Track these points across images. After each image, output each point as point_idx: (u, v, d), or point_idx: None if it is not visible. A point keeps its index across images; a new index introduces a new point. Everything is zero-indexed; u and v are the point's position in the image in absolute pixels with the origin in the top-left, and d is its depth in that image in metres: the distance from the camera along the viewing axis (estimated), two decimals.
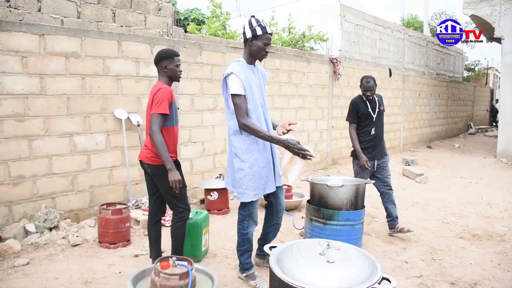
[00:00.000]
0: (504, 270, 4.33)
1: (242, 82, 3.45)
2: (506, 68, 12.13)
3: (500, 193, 7.88)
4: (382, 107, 5.41)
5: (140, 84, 5.87)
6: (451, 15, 27.44)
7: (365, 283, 2.17)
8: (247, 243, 3.77)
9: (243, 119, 3.43)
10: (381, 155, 5.34)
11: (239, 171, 3.58)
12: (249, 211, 3.70)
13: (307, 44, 10.79)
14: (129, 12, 5.81)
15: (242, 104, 3.44)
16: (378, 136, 5.33)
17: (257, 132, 3.43)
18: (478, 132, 21.57)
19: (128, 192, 5.76)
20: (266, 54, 3.62)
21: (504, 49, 12.06)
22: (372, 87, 5.24)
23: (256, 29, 3.48)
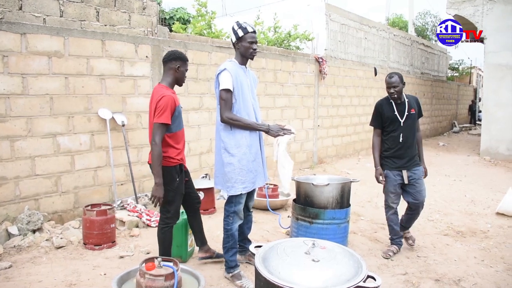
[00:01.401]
0: (487, 266, 4.39)
1: (233, 78, 3.57)
2: (489, 68, 12.31)
3: (483, 191, 7.99)
4: (413, 110, 4.52)
5: (124, 84, 5.82)
6: (435, 15, 27.76)
7: (350, 281, 2.17)
8: (231, 240, 3.81)
9: (226, 113, 3.56)
10: (411, 165, 4.56)
11: (228, 165, 3.65)
12: (235, 207, 3.77)
13: (293, 44, 10.80)
14: (113, 11, 5.75)
15: (228, 99, 3.57)
16: (407, 143, 4.52)
17: (240, 122, 3.59)
18: (462, 130, 21.85)
19: (113, 193, 5.71)
20: (254, 51, 3.75)
21: (486, 48, 12.22)
22: (395, 83, 4.40)
23: (238, 31, 3.66)
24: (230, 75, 3.56)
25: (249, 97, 3.75)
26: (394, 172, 4.53)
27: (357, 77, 11.75)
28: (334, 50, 10.79)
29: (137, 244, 4.75)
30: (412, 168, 4.53)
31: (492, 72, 12.22)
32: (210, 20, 9.71)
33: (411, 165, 4.53)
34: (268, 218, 5.83)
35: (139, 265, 3.18)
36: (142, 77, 6.03)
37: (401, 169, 4.53)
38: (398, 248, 4.68)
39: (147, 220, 5.34)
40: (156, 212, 5.63)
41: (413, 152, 4.56)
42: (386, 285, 3.86)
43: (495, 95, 12.12)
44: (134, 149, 5.97)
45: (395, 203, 4.59)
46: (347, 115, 11.37)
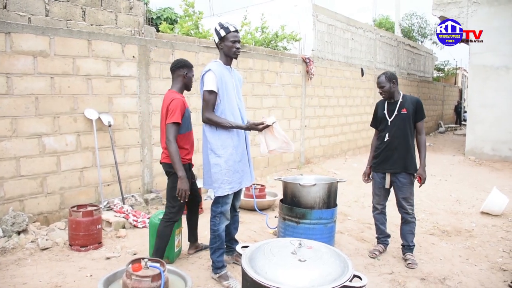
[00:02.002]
0: (471, 265, 4.45)
1: (217, 79, 3.59)
2: (473, 69, 12.47)
3: (469, 190, 8.09)
4: (405, 110, 4.35)
5: (111, 84, 5.78)
6: (421, 16, 28.03)
7: (336, 281, 2.19)
8: (218, 240, 3.82)
9: (207, 113, 3.61)
10: (395, 169, 4.39)
11: (215, 166, 3.67)
12: (222, 208, 3.78)
13: (280, 44, 10.83)
14: (100, 11, 5.71)
15: (211, 100, 3.61)
16: (393, 144, 4.39)
17: (221, 122, 3.61)
18: (448, 130, 22.11)
19: (99, 194, 5.67)
20: (238, 50, 3.77)
21: (471, 50, 12.38)
22: (381, 83, 4.37)
23: (220, 32, 3.70)
24: (215, 76, 3.59)
25: (234, 98, 3.78)
26: (379, 175, 4.55)
27: (344, 77, 11.81)
28: (321, 50, 10.83)
29: (124, 245, 4.73)
30: (397, 174, 4.41)
31: (476, 73, 12.38)
32: (197, 20, 9.68)
33: (396, 170, 4.40)
34: (255, 218, 5.84)
35: (126, 266, 3.16)
36: (129, 77, 6.00)
37: (385, 172, 4.48)
38: (384, 248, 4.72)
39: (134, 221, 5.32)
40: (143, 213, 5.61)
41: (401, 155, 4.36)
42: (372, 284, 3.89)
43: (480, 96, 12.29)
44: (120, 150, 5.94)
45: (380, 204, 4.63)
46: (334, 116, 11.43)
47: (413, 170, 4.40)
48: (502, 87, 11.88)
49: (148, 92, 6.25)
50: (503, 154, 11.92)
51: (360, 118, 12.70)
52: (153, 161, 6.39)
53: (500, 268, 4.37)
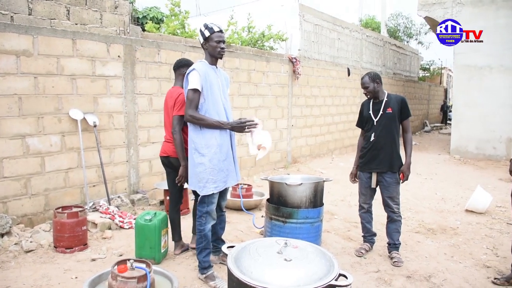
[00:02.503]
0: (456, 262, 4.50)
1: (201, 78, 3.61)
2: (458, 68, 12.62)
3: (453, 188, 8.19)
4: (390, 109, 4.37)
5: (96, 84, 5.73)
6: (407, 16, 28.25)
7: (322, 280, 2.19)
8: (204, 240, 3.81)
9: (190, 111, 3.63)
10: (382, 169, 4.43)
11: (199, 165, 3.68)
12: (207, 207, 3.78)
13: (267, 44, 10.84)
14: (84, 10, 5.66)
15: (195, 99, 3.63)
16: (379, 143, 4.41)
17: (205, 120, 3.63)
18: (433, 129, 22.35)
19: (85, 195, 5.61)
20: (222, 50, 3.79)
21: (456, 50, 12.53)
22: (365, 83, 4.41)
23: (205, 32, 3.73)
24: (199, 75, 3.61)
25: (219, 97, 3.78)
26: (366, 174, 4.57)
27: (331, 77, 11.86)
28: (307, 50, 10.87)
29: (110, 246, 4.69)
30: (383, 173, 4.44)
31: (461, 73, 12.54)
32: (184, 20, 9.65)
33: (382, 169, 4.43)
34: (242, 218, 5.84)
35: (111, 268, 3.15)
36: (114, 77, 5.95)
37: (371, 171, 4.51)
38: (370, 246, 4.75)
39: (120, 222, 5.28)
40: (129, 213, 5.57)
41: (387, 155, 4.40)
42: (359, 283, 3.91)
43: (464, 95, 12.44)
44: (106, 150, 5.89)
45: (367, 203, 4.66)
46: (320, 115, 11.47)
47: (398, 169, 4.44)
48: (485, 87, 12.04)
49: (133, 92, 6.21)
50: (487, 152, 12.09)
51: (346, 117, 12.77)
52: (139, 162, 6.35)
53: (484, 265, 4.43)
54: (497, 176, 9.55)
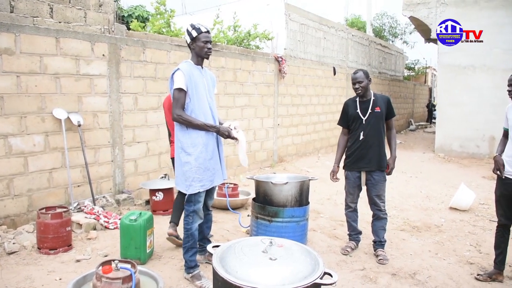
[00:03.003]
0: (440, 259, 4.56)
1: (186, 78, 3.63)
2: (442, 68, 12.77)
3: (438, 186, 8.28)
4: (378, 108, 4.40)
5: (80, 83, 5.67)
6: (392, 16, 28.53)
7: (307, 278, 2.20)
8: (191, 239, 3.82)
9: (178, 111, 3.64)
10: (371, 167, 4.45)
11: (186, 164, 3.70)
12: (194, 206, 3.78)
13: (253, 43, 10.84)
14: (68, 8, 5.59)
15: (180, 98, 3.64)
16: (368, 142, 4.43)
17: (191, 121, 3.65)
18: (418, 128, 22.58)
19: (69, 195, 5.55)
20: (209, 51, 3.82)
21: (440, 49, 12.67)
22: (359, 78, 4.37)
23: (192, 32, 3.75)
24: (183, 75, 3.63)
25: (204, 97, 3.80)
26: (354, 174, 4.57)
27: (317, 76, 11.91)
28: (293, 49, 10.89)
29: (95, 247, 4.65)
30: (372, 172, 4.46)
31: (445, 72, 12.68)
32: (169, 19, 9.61)
33: (371, 168, 4.45)
34: (229, 217, 5.83)
35: (96, 269, 3.12)
36: (99, 76, 5.89)
37: (360, 170, 4.51)
38: (356, 244, 4.78)
39: (105, 222, 5.23)
40: (114, 214, 5.53)
41: (375, 153, 4.43)
42: (344, 281, 3.94)
43: (448, 94, 12.58)
44: (91, 150, 5.83)
45: (354, 202, 4.68)
46: (306, 114, 11.51)
47: (385, 167, 4.50)
48: (469, 86, 12.20)
49: (118, 91, 6.16)
50: (470, 151, 12.25)
51: (332, 116, 12.82)
52: (125, 161, 6.30)
53: (467, 262, 4.49)
54: (480, 174, 9.69)
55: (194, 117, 3.69)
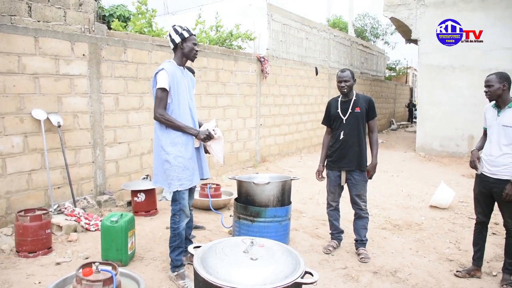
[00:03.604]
0: (421, 257, 4.62)
1: (169, 78, 3.68)
2: (422, 68, 12.93)
3: (419, 185, 8.39)
4: (358, 108, 4.44)
5: (60, 83, 5.59)
6: (373, 17, 28.78)
7: (288, 278, 2.21)
8: (178, 238, 3.85)
9: (160, 110, 3.69)
10: (351, 167, 4.49)
11: (165, 163, 3.75)
12: (180, 205, 3.83)
13: (235, 43, 10.82)
14: (47, 7, 5.51)
15: (163, 98, 3.70)
16: (348, 142, 4.47)
17: (172, 122, 3.70)
18: (400, 128, 22.82)
19: (49, 197, 5.47)
20: (196, 53, 3.93)
21: (420, 50, 12.84)
22: (346, 77, 4.42)
23: (183, 33, 3.81)
24: (167, 75, 3.67)
25: (185, 98, 3.85)
26: (335, 173, 4.61)
27: (299, 76, 11.95)
28: (276, 49, 10.91)
29: (75, 249, 4.59)
30: (352, 171, 4.50)
31: (425, 72, 12.85)
32: (151, 18, 9.53)
33: (351, 167, 4.48)
34: (211, 218, 5.82)
35: (76, 271, 3.08)
36: (79, 76, 5.82)
37: (340, 170, 4.55)
38: (338, 243, 4.81)
39: (86, 224, 5.17)
40: (95, 215, 5.47)
41: (355, 153, 4.46)
42: (326, 280, 3.96)
43: (429, 94, 12.75)
44: (71, 151, 5.76)
45: (335, 201, 4.71)
46: (289, 114, 11.55)
47: (366, 167, 4.54)
48: (448, 86, 12.38)
49: (99, 91, 6.10)
50: (450, 150, 12.43)
51: (315, 116, 12.89)
52: (106, 162, 6.24)
53: (447, 259, 4.57)
54: (460, 172, 9.85)
55: (174, 117, 3.73)
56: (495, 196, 3.86)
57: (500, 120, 3.79)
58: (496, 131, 3.81)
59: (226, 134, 8.93)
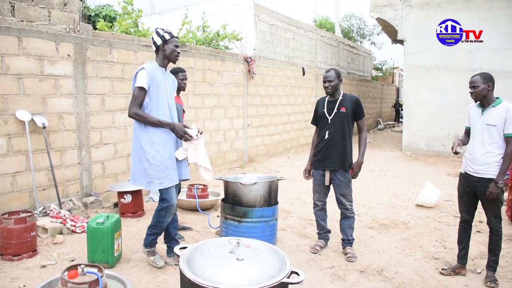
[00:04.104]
0: (407, 255, 4.66)
1: (148, 77, 3.76)
2: (408, 68, 13.05)
3: (405, 184, 8.46)
4: (344, 108, 4.43)
5: (45, 84, 5.53)
6: (360, 17, 28.95)
7: (274, 278, 2.22)
8: (159, 229, 4.06)
9: (134, 108, 3.76)
10: (334, 167, 4.48)
11: (144, 162, 3.82)
12: (168, 203, 3.92)
13: (222, 43, 10.81)
14: (31, 6, 5.44)
15: (139, 97, 3.77)
16: (333, 142, 4.46)
17: (146, 118, 3.76)
18: (386, 127, 22.98)
19: (34, 199, 5.41)
20: (178, 55, 4.00)
21: (406, 50, 12.95)
22: (330, 77, 4.41)
23: (165, 35, 3.89)
24: (147, 74, 3.75)
25: (165, 98, 3.93)
26: (319, 172, 4.62)
27: (286, 76, 11.98)
28: (263, 50, 10.92)
29: (61, 251, 4.54)
30: (335, 171, 4.49)
31: (411, 73, 12.97)
32: (137, 18, 9.47)
33: (335, 167, 4.48)
34: (198, 218, 5.80)
35: (61, 274, 3.05)
36: (64, 76, 5.76)
37: (324, 169, 4.56)
38: (325, 243, 4.83)
39: (72, 226, 5.12)
40: (82, 217, 5.42)
41: (339, 153, 4.45)
42: (313, 279, 3.98)
43: (415, 94, 12.87)
44: (56, 152, 5.70)
45: (321, 201, 4.72)
46: (276, 114, 11.56)
47: (350, 167, 4.55)
48: (434, 86, 12.51)
49: (85, 92, 6.04)
50: (436, 149, 12.56)
51: (302, 116, 12.93)
52: (92, 164, 6.19)
53: (432, 257, 4.62)
54: (445, 172, 9.95)
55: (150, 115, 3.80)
56: (478, 195, 3.91)
57: (484, 119, 3.84)
58: (480, 130, 3.86)
59: (213, 135, 8.92)
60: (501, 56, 11.57)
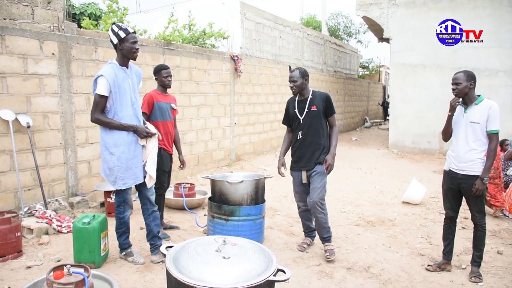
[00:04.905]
0: (393, 252, 4.71)
1: (109, 83, 3.77)
2: (394, 66, 13.15)
3: (391, 181, 8.53)
4: (315, 107, 4.33)
5: (29, 83, 5.47)
6: (346, 15, 29.06)
7: (260, 276, 2.23)
8: (124, 226, 4.20)
9: (96, 114, 3.83)
10: (309, 167, 4.41)
11: (109, 162, 3.92)
12: (123, 197, 4.09)
13: (208, 42, 10.77)
14: (13, 4, 5.37)
15: (100, 103, 3.82)
16: (306, 141, 4.39)
17: (108, 123, 3.84)
18: (373, 125, 23.14)
19: (19, 199, 5.34)
20: (137, 51, 3.96)
21: (392, 48, 13.05)
22: (293, 77, 4.32)
23: (119, 33, 3.83)
24: (106, 81, 3.75)
25: (128, 99, 3.97)
26: (297, 173, 4.55)
27: (273, 75, 11.99)
28: (249, 48, 10.92)
29: (47, 252, 4.50)
30: (312, 168, 4.39)
31: (397, 71, 13.07)
32: (122, 17, 9.38)
33: (310, 167, 4.39)
34: (185, 217, 5.79)
35: (47, 274, 3.02)
36: (48, 75, 5.70)
37: (300, 170, 4.49)
38: (312, 240, 4.85)
39: (58, 226, 5.08)
40: (68, 217, 5.38)
41: (314, 151, 4.37)
42: (301, 276, 4.00)
43: (401, 92, 12.98)
44: (41, 152, 5.64)
45: (301, 201, 4.64)
46: (263, 113, 11.57)
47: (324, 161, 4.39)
48: (419, 84, 12.63)
49: (70, 91, 5.99)
50: (422, 146, 12.68)
51: None
52: (78, 163, 6.13)
53: (418, 253, 4.67)
54: (431, 169, 10.06)
55: (116, 119, 3.85)
56: (463, 192, 3.97)
57: (467, 116, 3.90)
58: (464, 127, 3.91)
59: (200, 133, 8.90)
60: (485, 54, 11.72)
